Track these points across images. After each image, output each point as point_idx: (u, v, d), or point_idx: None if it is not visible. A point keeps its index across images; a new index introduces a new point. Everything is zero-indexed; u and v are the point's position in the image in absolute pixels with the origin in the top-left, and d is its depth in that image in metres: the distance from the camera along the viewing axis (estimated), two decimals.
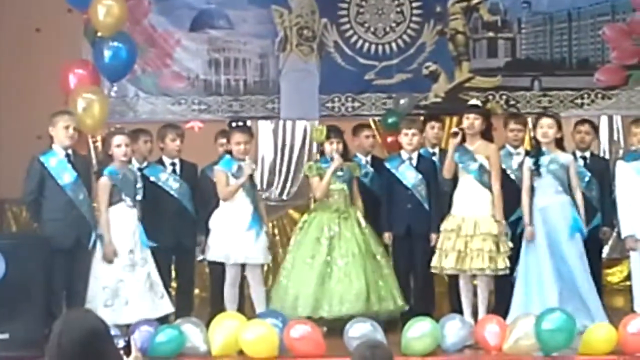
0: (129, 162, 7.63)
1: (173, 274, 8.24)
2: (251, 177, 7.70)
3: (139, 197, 7.53)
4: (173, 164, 8.08)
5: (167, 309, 7.49)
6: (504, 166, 7.86)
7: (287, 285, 7.63)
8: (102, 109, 7.91)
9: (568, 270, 7.42)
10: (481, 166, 7.54)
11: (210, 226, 7.71)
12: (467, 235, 7.39)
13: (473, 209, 7.48)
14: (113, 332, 5.81)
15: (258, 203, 7.79)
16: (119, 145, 7.44)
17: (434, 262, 7.52)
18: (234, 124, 7.88)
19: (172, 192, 7.99)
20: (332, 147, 7.80)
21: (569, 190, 7.54)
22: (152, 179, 7.93)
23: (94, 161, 8.16)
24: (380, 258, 7.69)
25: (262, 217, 7.76)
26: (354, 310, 7.34)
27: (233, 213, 7.62)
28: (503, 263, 7.41)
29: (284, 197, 10.39)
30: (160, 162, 8.09)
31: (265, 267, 8.83)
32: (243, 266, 7.70)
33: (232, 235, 7.58)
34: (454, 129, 7.64)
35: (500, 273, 7.44)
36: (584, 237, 7.50)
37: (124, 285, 7.31)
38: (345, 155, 7.91)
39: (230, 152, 7.74)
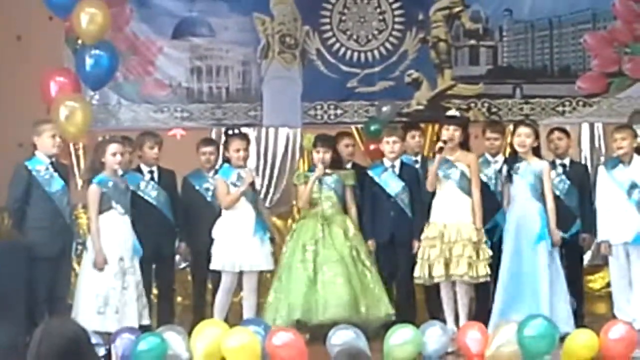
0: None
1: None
2: (252, 183, 7.70)
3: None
4: (151, 172, 8.06)
5: (146, 320, 7.46)
6: (481, 174, 7.90)
7: (281, 295, 7.63)
8: (85, 116, 7.90)
9: (536, 277, 7.44)
10: (462, 173, 7.58)
11: (214, 235, 7.68)
12: (450, 242, 7.43)
13: (454, 215, 7.52)
14: (94, 340, 5.86)
15: (261, 209, 7.79)
16: (114, 154, 7.42)
17: (418, 272, 7.54)
18: (230, 132, 7.89)
19: (151, 200, 7.96)
20: (318, 157, 7.81)
21: (542, 197, 7.56)
22: (131, 187, 7.90)
23: (76, 169, 8.13)
24: (367, 265, 7.69)
25: (265, 223, 7.76)
26: (338, 316, 7.34)
27: (237, 221, 7.62)
28: (484, 270, 7.46)
29: (267, 204, 10.37)
30: (139, 169, 8.07)
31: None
32: (240, 273, 7.69)
33: (238, 243, 7.57)
34: (440, 144, 7.64)
35: (482, 280, 7.48)
36: (550, 244, 7.51)
37: (114, 293, 7.30)
38: (338, 163, 7.93)
39: (228, 161, 7.74)
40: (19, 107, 9.08)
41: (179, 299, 9.21)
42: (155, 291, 8.29)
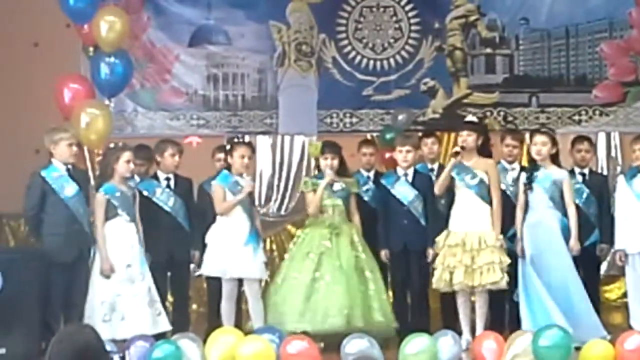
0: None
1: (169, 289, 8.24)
2: (250, 193, 7.71)
3: (137, 212, 7.54)
4: (167, 179, 8.07)
5: (165, 326, 7.46)
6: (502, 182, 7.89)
7: (276, 301, 7.64)
8: (106, 124, 7.95)
9: (562, 286, 7.42)
10: (481, 181, 7.56)
11: (207, 241, 7.70)
12: (473, 250, 7.40)
13: (475, 223, 7.49)
14: (109, 347, 5.87)
15: (255, 219, 7.79)
16: (127, 161, 7.44)
17: (437, 278, 7.52)
18: (235, 140, 7.90)
19: (166, 208, 7.97)
20: (326, 163, 7.80)
21: (561, 206, 7.53)
22: (145, 193, 7.92)
23: (93, 176, 8.15)
24: (370, 275, 7.65)
25: (260, 234, 7.76)
26: (336, 325, 7.34)
27: (230, 228, 7.63)
28: (507, 277, 7.46)
29: (282, 212, 10.38)
30: (155, 176, 8.08)
31: (263, 283, 8.82)
32: (240, 281, 7.70)
33: (229, 250, 7.58)
34: (456, 149, 7.63)
35: (502, 287, 7.46)
36: (569, 250, 7.50)
37: (121, 300, 7.31)
38: (344, 171, 7.90)
39: (228, 168, 7.74)
40: (35, 114, 9.13)
41: (194, 306, 9.22)
42: (170, 299, 8.29)
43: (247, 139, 8.21)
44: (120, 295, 7.31)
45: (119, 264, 7.34)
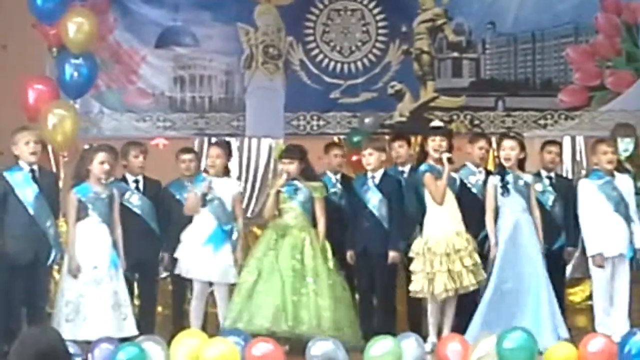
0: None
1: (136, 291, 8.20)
2: (205, 194, 7.65)
3: (115, 215, 7.50)
4: (136, 181, 8.05)
5: (130, 331, 7.39)
6: (468, 184, 7.92)
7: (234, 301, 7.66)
8: (72, 125, 7.91)
9: (536, 289, 7.46)
10: (455, 181, 7.62)
11: (182, 239, 7.71)
12: (460, 251, 7.43)
13: (451, 226, 7.52)
14: (72, 349, 5.83)
15: (235, 220, 7.74)
16: (102, 162, 7.41)
17: (417, 286, 7.52)
18: (213, 140, 7.91)
19: (135, 210, 7.95)
20: (283, 168, 7.80)
21: (528, 209, 7.59)
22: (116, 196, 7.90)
23: (62, 176, 8.11)
24: (312, 281, 7.59)
25: (227, 235, 7.72)
26: (262, 327, 7.30)
27: (196, 229, 7.64)
28: (477, 278, 7.50)
29: (249, 214, 10.35)
30: (124, 179, 8.05)
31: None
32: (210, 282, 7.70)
33: (192, 251, 7.61)
34: (448, 155, 7.62)
35: (474, 288, 7.51)
36: (543, 256, 7.55)
37: (84, 301, 7.27)
38: (310, 174, 7.88)
39: (206, 170, 7.78)
40: (1, 116, 9.04)
41: (159, 308, 9.17)
42: (136, 302, 8.26)
43: (223, 140, 8.13)
44: (84, 297, 7.28)
45: (86, 264, 7.31)
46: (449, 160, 7.56)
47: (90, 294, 7.29)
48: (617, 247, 7.69)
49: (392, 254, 7.75)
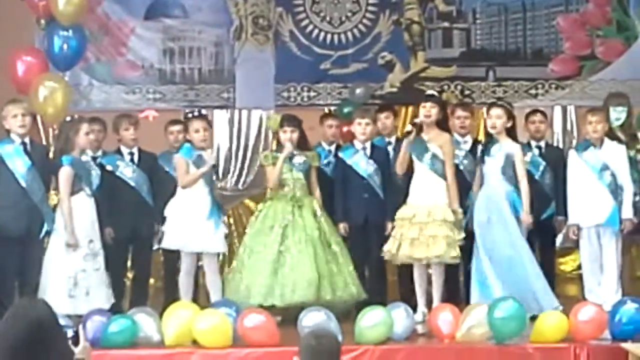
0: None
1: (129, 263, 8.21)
2: (213, 166, 7.68)
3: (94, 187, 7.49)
4: (131, 154, 8.04)
5: (110, 300, 7.43)
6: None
7: (241, 275, 7.61)
8: (64, 97, 7.93)
9: (509, 256, 7.45)
10: (434, 155, 7.57)
11: (167, 214, 7.67)
12: (421, 223, 7.42)
13: (428, 197, 7.52)
14: (64, 322, 5.83)
15: (215, 193, 7.76)
16: (87, 133, 7.39)
17: (386, 247, 7.54)
18: (189, 115, 7.86)
19: (130, 182, 7.93)
20: (285, 136, 7.77)
21: (513, 179, 7.55)
22: (109, 168, 7.89)
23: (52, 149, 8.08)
24: (336, 247, 7.66)
25: (221, 207, 7.73)
26: (306, 298, 7.32)
27: (192, 202, 7.60)
28: (455, 251, 7.46)
29: (240, 186, 10.36)
30: (119, 152, 8.04)
31: (221, 257, 8.82)
32: (198, 255, 7.68)
33: (190, 224, 7.56)
34: (407, 127, 7.62)
35: (456, 261, 7.49)
36: (521, 224, 7.52)
37: (85, 275, 7.27)
38: (304, 144, 7.87)
39: (190, 142, 7.71)
40: None
41: (151, 281, 9.19)
42: (129, 274, 8.28)
43: (203, 112, 8.09)
44: (85, 271, 7.28)
45: (82, 239, 7.30)
46: (407, 133, 7.54)
47: (89, 268, 7.29)
48: (596, 217, 7.70)
49: (391, 225, 7.75)
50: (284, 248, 7.54)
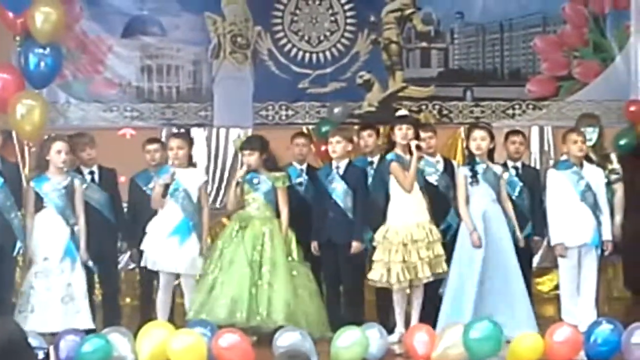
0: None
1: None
2: (167, 185, 7.61)
3: (77, 205, 7.46)
4: (91, 172, 7.97)
5: (85, 324, 7.33)
6: (427, 176, 7.94)
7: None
8: (42, 115, 7.89)
9: (505, 278, 7.47)
10: (421, 172, 7.62)
11: (146, 232, 7.67)
12: (419, 241, 7.43)
13: (424, 215, 7.52)
14: (36, 342, 5.79)
15: (199, 212, 7.70)
16: (59, 152, 7.37)
17: (375, 275, 7.51)
18: (174, 131, 7.87)
19: (91, 203, 7.87)
20: (243, 159, 7.82)
21: (498, 200, 7.61)
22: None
23: (27, 167, 8.03)
24: (268, 271, 7.57)
25: (199, 224, 7.67)
26: (219, 319, 7.29)
27: (161, 220, 7.61)
28: (441, 268, 7.51)
29: (217, 205, 10.32)
30: (79, 171, 7.97)
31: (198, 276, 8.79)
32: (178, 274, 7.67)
33: (158, 242, 7.57)
34: (417, 142, 7.60)
35: (441, 277, 7.52)
36: (518, 246, 7.58)
37: (33, 292, 7.25)
38: (271, 165, 7.85)
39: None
40: None
41: (127, 300, 9.15)
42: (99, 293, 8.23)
43: (181, 130, 8.09)
44: (34, 288, 7.25)
45: (38, 255, 7.29)
46: (418, 147, 7.56)
47: (40, 286, 7.25)
48: (581, 237, 7.73)
49: (355, 244, 7.74)
50: (218, 268, 7.54)
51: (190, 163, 7.80)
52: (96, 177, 7.96)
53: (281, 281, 7.54)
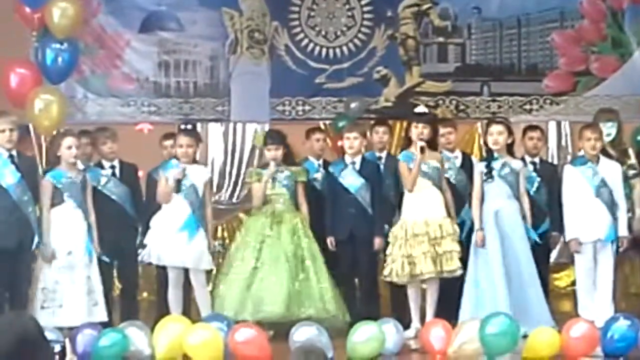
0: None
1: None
2: (178, 181, 7.60)
3: (89, 200, 7.48)
4: (112, 167, 8.01)
5: (100, 317, 7.38)
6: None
7: (220, 291, 7.63)
8: (59, 110, 7.92)
9: (518, 275, 7.47)
10: (437, 169, 7.62)
11: (151, 226, 7.68)
12: (437, 238, 7.42)
13: (434, 211, 7.50)
14: (53, 335, 5.81)
15: (203, 207, 7.71)
16: (69, 147, 7.39)
17: (395, 269, 7.51)
18: (182, 126, 7.85)
19: (111, 196, 7.91)
20: (269, 154, 7.79)
21: (516, 196, 7.60)
22: (92, 183, 7.85)
23: (44, 162, 8.07)
24: (310, 264, 7.62)
25: (203, 220, 7.67)
26: (274, 314, 7.34)
27: (168, 215, 7.63)
28: (456, 265, 7.49)
29: (234, 200, 10.34)
30: (100, 165, 8.02)
31: (214, 271, 8.81)
32: (186, 269, 7.67)
33: (165, 238, 7.58)
34: (421, 143, 7.58)
35: (456, 274, 7.50)
36: (532, 243, 7.57)
37: (60, 288, 7.27)
38: (290, 160, 7.87)
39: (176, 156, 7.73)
40: None
41: (144, 294, 9.18)
42: (118, 287, 8.26)
43: (194, 127, 8.09)
44: (60, 283, 7.28)
45: (61, 250, 7.30)
46: (422, 149, 7.54)
47: (65, 280, 7.28)
48: (595, 232, 7.71)
49: (378, 240, 7.75)
50: (259, 264, 7.55)
51: (195, 160, 7.82)
52: (117, 171, 8.01)
53: (323, 273, 7.61)
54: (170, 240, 7.56)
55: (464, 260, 7.58)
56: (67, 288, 7.28)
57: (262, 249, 7.58)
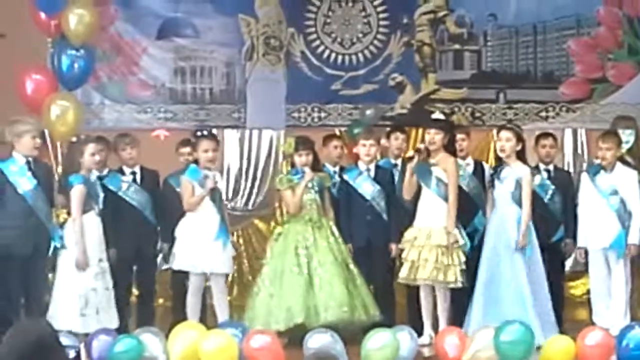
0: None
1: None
2: (214, 188, 7.66)
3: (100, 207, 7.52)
4: (133, 173, 8.04)
5: (114, 323, 7.39)
6: None
7: (275, 297, 7.56)
8: (76, 116, 7.95)
9: (515, 282, 7.45)
10: (438, 180, 7.56)
11: (177, 235, 7.68)
12: (420, 246, 7.44)
13: (430, 220, 7.51)
14: (68, 341, 5.84)
15: (224, 213, 7.77)
16: (92, 154, 7.39)
17: (402, 273, 7.54)
18: (199, 133, 7.86)
19: (132, 203, 7.94)
20: (301, 160, 7.76)
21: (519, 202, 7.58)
22: (111, 188, 7.87)
23: (59, 168, 8.09)
24: (353, 267, 7.67)
25: (228, 227, 7.74)
26: (338, 317, 7.35)
27: (200, 222, 7.60)
28: (453, 276, 7.43)
29: (250, 206, 10.35)
30: (121, 171, 8.05)
31: (230, 277, 8.83)
32: (207, 275, 7.69)
33: (198, 245, 7.56)
34: (409, 153, 7.60)
35: (451, 286, 7.46)
36: (526, 252, 7.50)
37: (95, 294, 7.28)
38: (317, 165, 7.89)
39: (196, 162, 7.71)
40: (1, 106, 9.02)
41: (160, 300, 9.19)
42: (135, 293, 8.28)
43: (212, 131, 8.10)
44: (96, 290, 7.29)
45: (93, 258, 7.31)
46: (409, 159, 7.53)
47: (100, 287, 7.31)
48: (601, 241, 7.69)
49: (394, 247, 7.76)
50: (310, 269, 7.54)
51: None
52: (138, 177, 8.03)
53: (362, 278, 7.64)
54: (206, 248, 7.53)
55: (476, 268, 7.56)
56: (102, 295, 7.30)
57: (310, 254, 7.55)
